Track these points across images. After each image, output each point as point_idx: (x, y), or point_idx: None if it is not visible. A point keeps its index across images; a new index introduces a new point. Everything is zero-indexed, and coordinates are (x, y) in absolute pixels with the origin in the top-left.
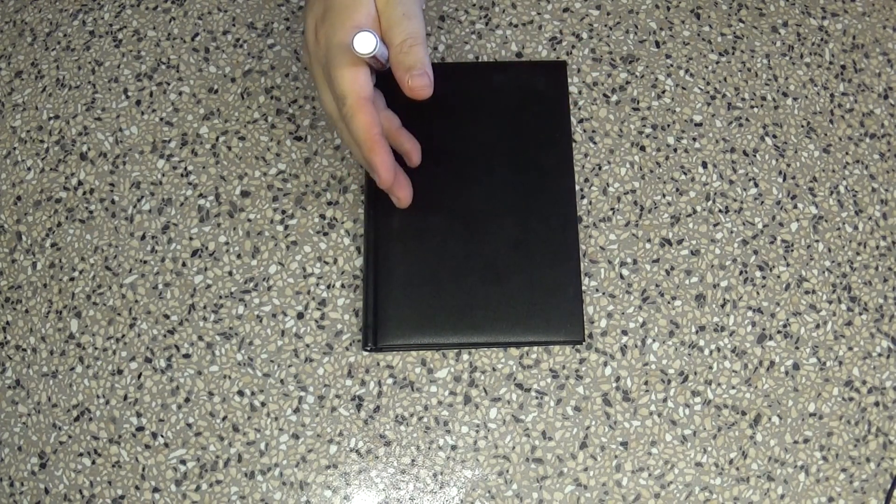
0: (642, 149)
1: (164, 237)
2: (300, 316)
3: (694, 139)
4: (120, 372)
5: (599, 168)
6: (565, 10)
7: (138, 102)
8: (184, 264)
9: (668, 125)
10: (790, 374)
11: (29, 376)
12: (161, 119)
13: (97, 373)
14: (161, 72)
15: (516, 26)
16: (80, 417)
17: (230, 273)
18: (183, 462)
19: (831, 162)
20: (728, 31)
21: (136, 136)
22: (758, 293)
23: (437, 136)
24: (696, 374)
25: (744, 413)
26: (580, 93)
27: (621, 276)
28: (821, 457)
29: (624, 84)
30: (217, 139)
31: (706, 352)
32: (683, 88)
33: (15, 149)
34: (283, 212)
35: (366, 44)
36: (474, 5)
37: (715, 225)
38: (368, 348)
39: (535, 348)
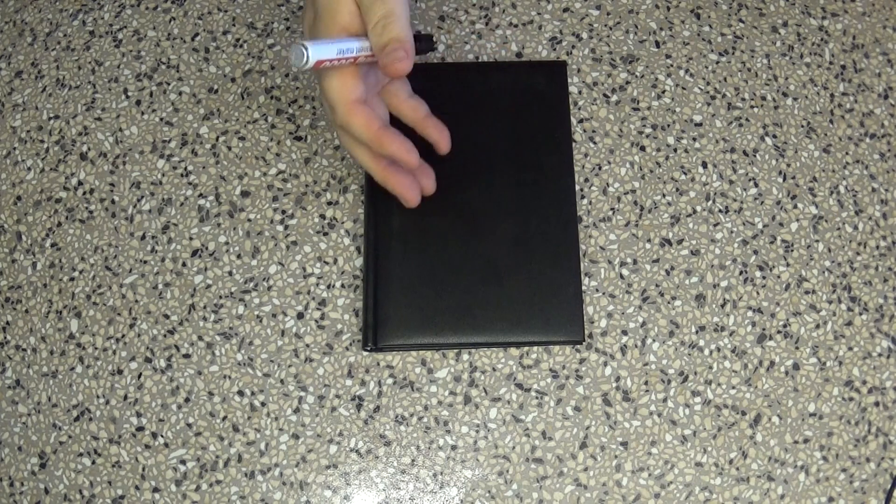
0: (642, 149)
1: (164, 237)
2: (300, 316)
3: (694, 139)
4: (120, 372)
5: (599, 168)
6: (565, 10)
7: (138, 102)
8: (184, 264)
9: (668, 125)
10: (790, 374)
11: (29, 376)
12: (161, 119)
13: (97, 373)
14: (161, 72)
15: (516, 26)
16: (80, 417)
17: (230, 273)
18: (183, 462)
19: (831, 162)
20: (728, 31)
21: (136, 136)
22: (758, 293)
23: None
24: (696, 374)
25: (744, 413)
26: (580, 93)
27: (621, 276)
28: (821, 457)
29: (624, 84)
30: (217, 139)
31: (706, 352)
32: (683, 88)
33: (15, 149)
34: (283, 212)
35: (297, 58)
36: (474, 5)
37: (715, 225)
38: (368, 348)
39: (535, 348)
